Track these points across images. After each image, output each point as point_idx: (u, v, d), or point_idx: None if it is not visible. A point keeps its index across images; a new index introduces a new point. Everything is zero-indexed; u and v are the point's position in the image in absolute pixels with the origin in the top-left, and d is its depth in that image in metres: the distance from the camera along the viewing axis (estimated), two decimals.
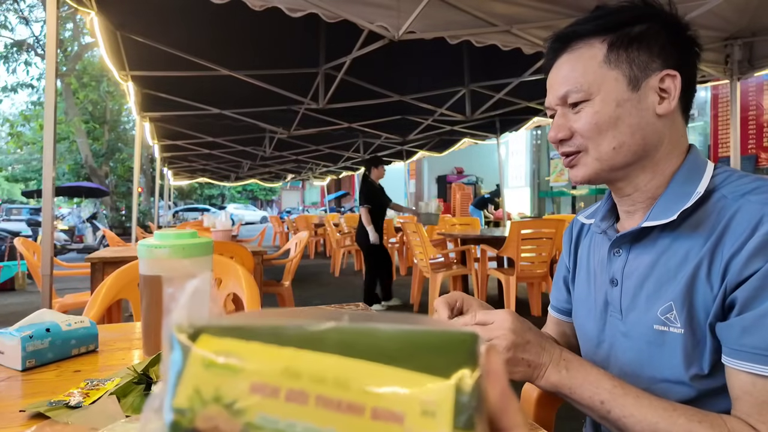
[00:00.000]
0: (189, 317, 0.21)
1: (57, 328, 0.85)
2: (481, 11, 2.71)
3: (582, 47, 0.71)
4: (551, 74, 0.75)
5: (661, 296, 0.67)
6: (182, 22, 3.38)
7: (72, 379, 0.76)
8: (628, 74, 0.68)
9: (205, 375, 0.19)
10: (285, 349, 0.19)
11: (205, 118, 5.37)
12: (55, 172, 2.28)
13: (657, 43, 0.69)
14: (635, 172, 0.72)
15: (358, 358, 0.19)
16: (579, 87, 0.69)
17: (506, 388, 0.22)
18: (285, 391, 0.19)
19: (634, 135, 0.69)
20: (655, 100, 0.69)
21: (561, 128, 0.72)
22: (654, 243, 0.70)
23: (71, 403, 0.64)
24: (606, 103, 0.68)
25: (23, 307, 4.97)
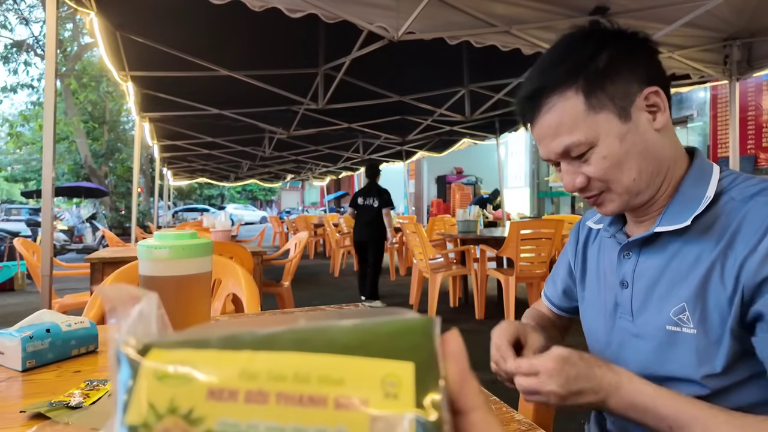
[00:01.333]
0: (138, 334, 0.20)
1: (57, 328, 0.85)
2: (481, 12, 2.72)
3: (557, 102, 0.69)
4: (536, 131, 0.74)
5: (673, 297, 0.68)
6: (182, 23, 3.38)
7: (72, 379, 0.76)
8: (615, 110, 0.68)
9: (158, 387, 0.18)
10: (240, 353, 0.19)
11: (205, 118, 5.37)
12: (54, 173, 2.28)
13: (625, 67, 0.68)
14: (655, 189, 0.73)
15: (315, 352, 0.19)
16: (576, 141, 0.69)
17: (465, 369, 0.22)
18: (243, 392, 0.18)
19: (647, 159, 0.69)
20: (649, 118, 0.69)
21: (575, 177, 0.72)
22: (665, 246, 0.72)
23: (71, 404, 0.64)
24: (610, 144, 0.68)
25: (23, 308, 4.97)
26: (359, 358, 0.19)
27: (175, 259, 0.82)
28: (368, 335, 0.20)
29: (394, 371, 0.19)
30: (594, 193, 0.73)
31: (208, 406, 0.18)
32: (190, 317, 0.83)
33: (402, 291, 5.53)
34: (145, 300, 0.22)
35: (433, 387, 0.19)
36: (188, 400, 0.18)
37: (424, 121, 5.98)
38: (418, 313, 0.21)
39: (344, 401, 0.18)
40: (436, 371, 0.20)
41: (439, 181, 14.74)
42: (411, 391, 0.19)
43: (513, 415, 0.64)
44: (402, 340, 0.20)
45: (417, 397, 0.19)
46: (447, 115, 5.40)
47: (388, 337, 0.20)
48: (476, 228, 4.61)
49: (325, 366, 0.19)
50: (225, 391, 0.18)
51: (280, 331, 0.20)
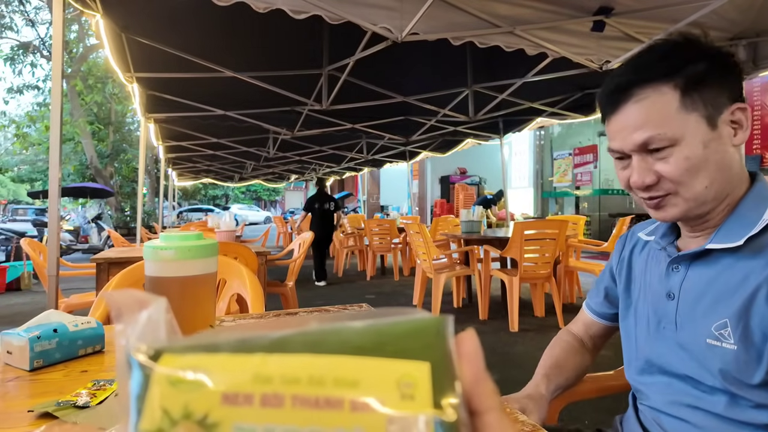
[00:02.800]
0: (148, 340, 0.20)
1: (64, 328, 0.86)
2: (485, 12, 2.71)
3: (650, 95, 0.70)
4: (617, 121, 0.74)
5: (717, 312, 0.70)
6: (186, 24, 3.39)
7: (79, 379, 0.77)
8: (706, 114, 0.69)
9: (171, 393, 0.18)
10: (252, 356, 0.19)
11: (209, 119, 5.39)
12: (61, 173, 2.30)
13: (718, 79, 0.70)
14: (717, 204, 0.74)
15: (329, 354, 0.19)
16: (663, 134, 0.69)
17: (480, 371, 0.22)
18: (259, 396, 0.18)
19: (722, 171, 0.71)
20: (731, 132, 0.71)
21: (646, 174, 0.73)
22: (715, 262, 0.73)
23: (79, 403, 0.64)
24: (694, 147, 0.69)
25: (29, 307, 5.01)
26: (373, 359, 0.19)
27: (181, 260, 0.82)
28: (381, 336, 0.20)
29: (409, 372, 0.19)
30: (660, 194, 0.73)
31: (223, 411, 0.18)
32: (196, 318, 0.83)
33: (406, 291, 5.53)
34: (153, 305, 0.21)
35: (450, 387, 0.19)
36: (203, 406, 0.18)
37: (428, 122, 5.98)
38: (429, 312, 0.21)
39: (360, 403, 0.18)
40: (451, 371, 0.20)
41: (443, 181, 14.71)
42: (427, 392, 0.19)
43: (517, 416, 0.64)
44: (415, 341, 0.20)
45: (434, 398, 0.19)
46: (451, 116, 5.39)
47: (402, 337, 0.20)
48: (480, 228, 4.61)
49: (339, 367, 0.19)
50: (240, 395, 0.18)
51: (292, 334, 0.20)
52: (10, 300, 5.56)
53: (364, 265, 7.29)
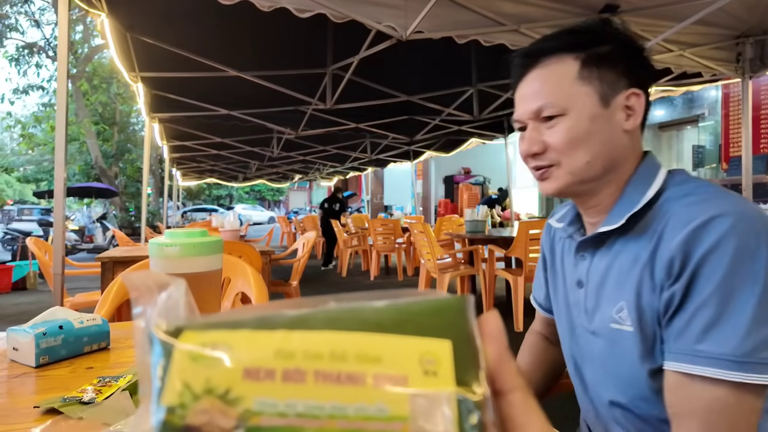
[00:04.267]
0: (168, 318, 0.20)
1: (70, 325, 0.86)
2: (489, 10, 2.71)
3: (553, 63, 0.73)
4: (521, 88, 0.77)
5: (617, 297, 0.71)
6: (191, 24, 3.40)
7: (85, 375, 0.77)
8: (600, 91, 0.71)
9: (193, 368, 0.18)
10: (274, 333, 0.19)
11: (214, 119, 5.41)
12: (66, 173, 2.31)
13: (621, 63, 0.72)
14: (601, 186, 0.75)
15: (350, 330, 0.19)
16: (554, 102, 0.71)
17: (504, 351, 0.22)
18: (281, 372, 0.18)
19: (604, 150, 0.72)
20: (623, 117, 0.72)
21: (534, 142, 0.74)
22: (610, 247, 0.74)
23: (84, 399, 0.65)
24: (581, 118, 0.71)
25: (35, 306, 5.03)
26: (395, 336, 0.19)
27: (186, 256, 0.82)
28: (401, 314, 0.20)
29: (431, 349, 0.19)
30: (544, 164, 0.75)
31: (244, 386, 0.18)
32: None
33: None
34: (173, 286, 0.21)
35: (473, 365, 0.19)
36: (224, 381, 0.18)
37: (432, 121, 5.97)
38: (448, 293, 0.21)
39: (383, 379, 0.18)
40: (474, 349, 0.19)
41: (447, 181, 14.70)
42: (450, 369, 0.19)
43: None
44: (437, 319, 0.20)
45: (457, 375, 0.18)
46: (455, 115, 5.39)
47: (423, 315, 0.20)
48: (484, 228, 4.59)
49: (361, 344, 0.19)
50: (261, 370, 0.18)
51: (313, 312, 0.20)
52: (16, 299, 5.59)
53: (367, 265, 7.29)
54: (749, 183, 3.54)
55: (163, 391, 0.18)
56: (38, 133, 18.69)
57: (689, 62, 3.22)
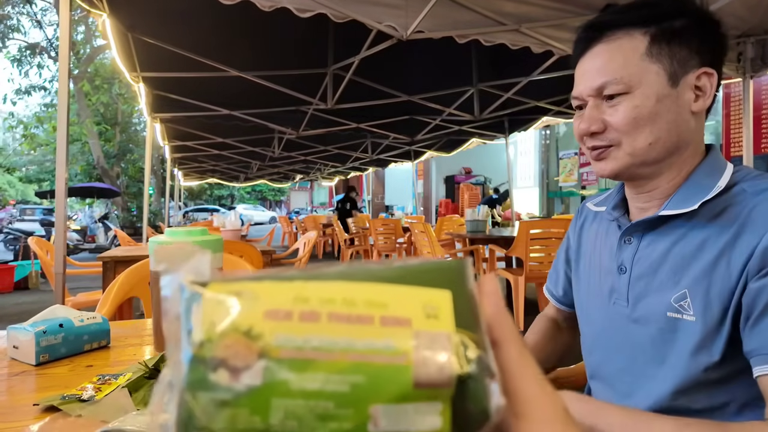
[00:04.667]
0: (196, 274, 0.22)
1: (70, 323, 0.86)
2: (490, 10, 2.70)
3: (621, 37, 0.68)
4: (583, 63, 0.73)
5: (676, 284, 0.67)
6: (192, 24, 3.41)
7: (84, 373, 0.77)
8: (669, 69, 0.67)
9: (219, 310, 0.20)
10: (293, 283, 0.21)
11: (215, 118, 5.41)
12: (68, 173, 2.31)
13: (695, 39, 0.68)
14: (662, 170, 0.71)
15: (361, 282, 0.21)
16: (619, 79, 0.67)
17: (500, 305, 0.23)
18: (298, 313, 0.20)
19: (670, 132, 0.68)
20: (691, 97, 0.68)
21: (594, 120, 0.70)
22: (669, 231, 0.70)
23: (84, 397, 0.65)
24: (647, 98, 0.67)
25: (37, 306, 5.04)
26: (400, 287, 0.21)
27: None
28: (407, 271, 0.22)
29: (433, 298, 0.21)
30: (603, 144, 0.71)
31: (265, 324, 0.20)
32: None
33: None
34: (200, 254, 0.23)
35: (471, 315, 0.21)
36: (247, 320, 0.20)
37: (433, 121, 5.96)
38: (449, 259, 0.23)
39: (389, 320, 0.20)
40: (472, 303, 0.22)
41: (448, 181, 14.69)
42: (450, 315, 0.21)
43: None
44: (439, 275, 0.22)
45: (456, 320, 0.21)
46: (456, 115, 5.38)
47: (425, 272, 0.22)
48: (485, 228, 4.59)
49: (369, 292, 0.21)
50: (281, 312, 0.20)
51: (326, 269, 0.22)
52: (18, 299, 5.60)
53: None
54: None
55: (192, 331, 0.20)
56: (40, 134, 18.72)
57: None
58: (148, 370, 0.70)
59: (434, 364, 0.19)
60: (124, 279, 1.51)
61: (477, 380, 0.20)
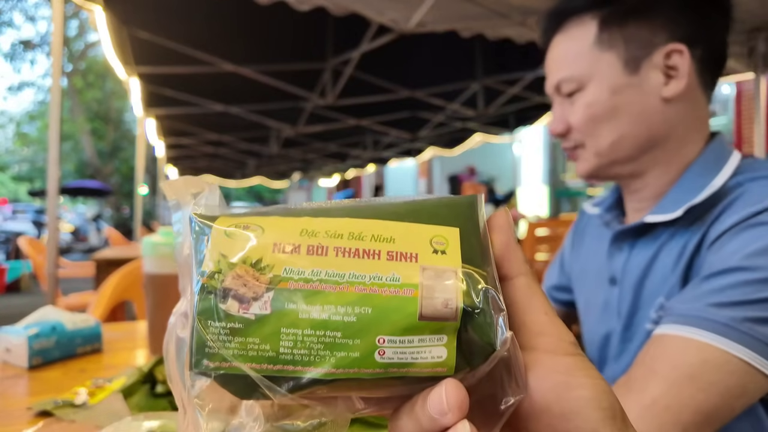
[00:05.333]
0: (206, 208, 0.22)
1: (62, 326, 0.84)
2: (495, 3, 2.65)
3: (574, 26, 0.63)
4: (547, 58, 0.68)
5: (659, 296, 0.60)
6: (187, 17, 3.35)
7: (78, 377, 0.76)
8: (624, 55, 0.60)
9: (229, 242, 0.20)
10: (300, 218, 0.21)
11: (211, 115, 5.35)
12: (60, 172, 2.25)
13: (661, 11, 0.59)
14: (644, 166, 0.63)
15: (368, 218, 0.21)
16: (570, 76, 0.62)
17: (511, 239, 0.23)
18: (305, 246, 0.20)
19: (636, 125, 0.61)
20: (660, 81, 0.60)
21: (558, 121, 0.66)
22: (656, 238, 0.62)
23: (77, 402, 0.63)
24: (599, 92, 0.61)
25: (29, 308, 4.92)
26: (408, 223, 0.21)
27: None
28: (415, 206, 0.22)
29: (441, 233, 0.21)
30: (570, 146, 0.66)
31: (274, 257, 0.20)
32: None
33: None
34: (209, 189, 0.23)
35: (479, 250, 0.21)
36: (256, 252, 0.20)
37: (436, 118, 5.92)
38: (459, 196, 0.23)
39: (396, 254, 0.20)
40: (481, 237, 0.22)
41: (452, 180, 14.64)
42: (457, 251, 0.21)
43: None
44: (448, 210, 0.22)
45: (464, 256, 0.20)
46: (459, 111, 5.33)
47: (435, 207, 0.22)
48: None
49: (377, 227, 0.21)
50: (288, 245, 0.20)
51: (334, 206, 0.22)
52: (10, 301, 5.52)
53: None
54: None
55: (203, 261, 0.20)
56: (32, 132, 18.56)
57: None
58: (143, 374, 0.69)
59: (440, 298, 0.19)
60: (117, 280, 1.46)
61: (483, 314, 0.20)
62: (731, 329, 0.47)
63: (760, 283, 0.48)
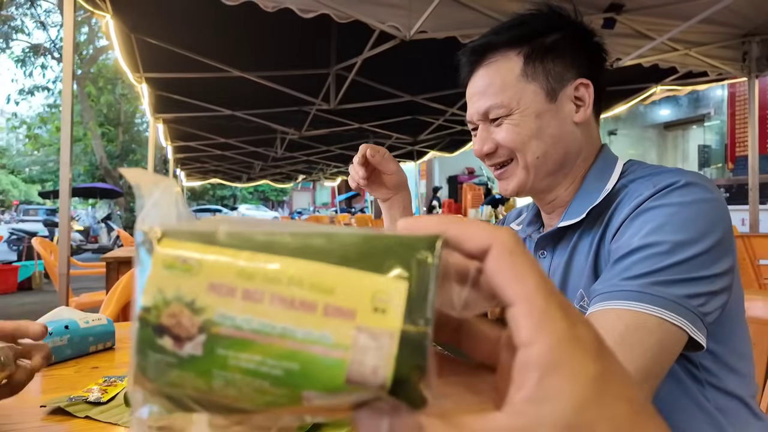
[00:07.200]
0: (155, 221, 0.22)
1: (75, 325, 0.86)
2: (493, 10, 2.70)
3: (498, 60, 0.71)
4: (469, 87, 0.76)
5: (578, 289, 0.70)
6: (195, 24, 3.41)
7: (90, 375, 0.77)
8: (545, 86, 0.70)
9: (167, 275, 0.20)
10: (241, 252, 0.20)
11: (218, 119, 5.41)
12: (71, 174, 2.32)
13: (569, 52, 0.71)
14: (557, 181, 0.74)
15: (312, 260, 0.20)
16: (499, 103, 0.70)
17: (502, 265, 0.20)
18: (241, 290, 0.20)
19: (555, 145, 0.71)
20: (572, 109, 0.71)
21: (485, 141, 0.74)
22: (568, 242, 0.72)
23: (90, 399, 0.65)
24: (526, 116, 0.70)
25: (41, 307, 5.06)
26: (353, 271, 0.20)
27: None
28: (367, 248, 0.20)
29: (386, 287, 0.20)
30: (501, 160, 0.74)
31: (208, 298, 0.20)
32: None
33: None
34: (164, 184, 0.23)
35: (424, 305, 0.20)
36: (191, 291, 0.20)
37: (436, 121, 5.95)
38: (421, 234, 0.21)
39: (332, 309, 0.19)
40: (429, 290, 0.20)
41: (451, 181, 14.65)
42: (400, 309, 0.19)
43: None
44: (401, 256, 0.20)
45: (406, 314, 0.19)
46: (459, 115, 5.37)
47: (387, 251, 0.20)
48: None
49: (318, 274, 0.20)
50: (224, 286, 0.20)
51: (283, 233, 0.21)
52: (22, 299, 5.62)
53: None
54: (756, 183, 3.51)
55: (142, 293, 0.20)
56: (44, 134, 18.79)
57: (695, 61, 3.20)
58: None
59: (369, 365, 0.19)
60: (128, 280, 1.51)
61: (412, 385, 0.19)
62: (644, 294, 0.56)
63: (659, 255, 0.58)
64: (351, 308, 0.19)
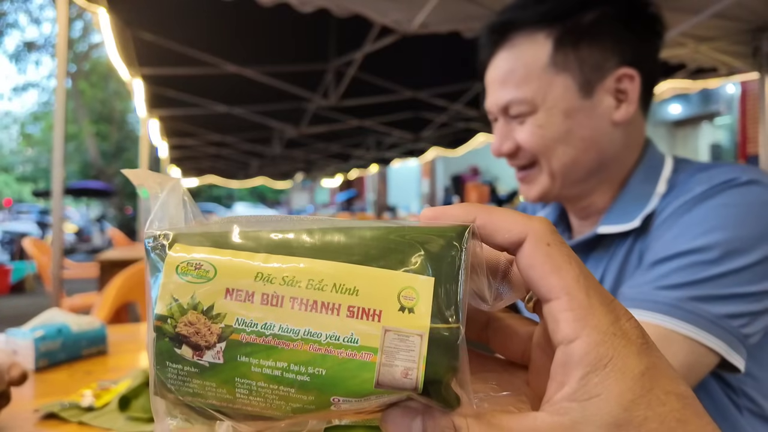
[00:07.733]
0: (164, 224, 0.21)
1: (68, 328, 0.85)
2: (497, 3, 2.65)
3: (522, 42, 0.59)
4: (489, 71, 0.64)
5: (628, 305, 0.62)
6: (190, 19, 3.36)
7: (83, 379, 0.76)
8: (579, 78, 0.58)
9: (181, 281, 0.19)
10: (257, 254, 0.19)
11: (214, 116, 5.36)
12: (64, 172, 2.26)
13: (610, 34, 0.58)
14: (591, 187, 0.63)
15: (332, 260, 0.19)
16: (522, 98, 0.59)
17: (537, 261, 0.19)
18: (259, 295, 0.19)
19: (587, 150, 0.59)
20: (611, 104, 0.59)
21: (505, 139, 0.63)
22: (615, 249, 0.61)
23: (83, 404, 0.64)
24: (553, 116, 0.58)
25: (33, 309, 4.96)
26: (377, 269, 0.19)
27: None
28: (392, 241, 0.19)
29: (412, 284, 0.19)
30: (522, 163, 0.63)
31: (226, 304, 0.19)
32: None
33: None
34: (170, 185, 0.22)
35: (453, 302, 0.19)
36: (208, 298, 0.19)
37: (439, 118, 5.91)
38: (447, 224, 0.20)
39: (357, 310, 0.18)
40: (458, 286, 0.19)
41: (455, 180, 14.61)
42: (427, 306, 0.18)
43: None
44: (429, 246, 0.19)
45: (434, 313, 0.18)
46: (462, 112, 5.33)
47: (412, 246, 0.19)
48: None
49: (340, 274, 0.19)
50: (242, 291, 0.19)
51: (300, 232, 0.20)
52: (14, 301, 5.54)
53: None
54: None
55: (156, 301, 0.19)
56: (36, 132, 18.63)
57: (704, 57, 3.16)
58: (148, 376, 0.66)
59: (400, 367, 0.18)
60: (121, 282, 1.46)
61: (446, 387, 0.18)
62: (677, 309, 0.49)
63: (704, 264, 0.50)
64: (377, 309, 0.19)
